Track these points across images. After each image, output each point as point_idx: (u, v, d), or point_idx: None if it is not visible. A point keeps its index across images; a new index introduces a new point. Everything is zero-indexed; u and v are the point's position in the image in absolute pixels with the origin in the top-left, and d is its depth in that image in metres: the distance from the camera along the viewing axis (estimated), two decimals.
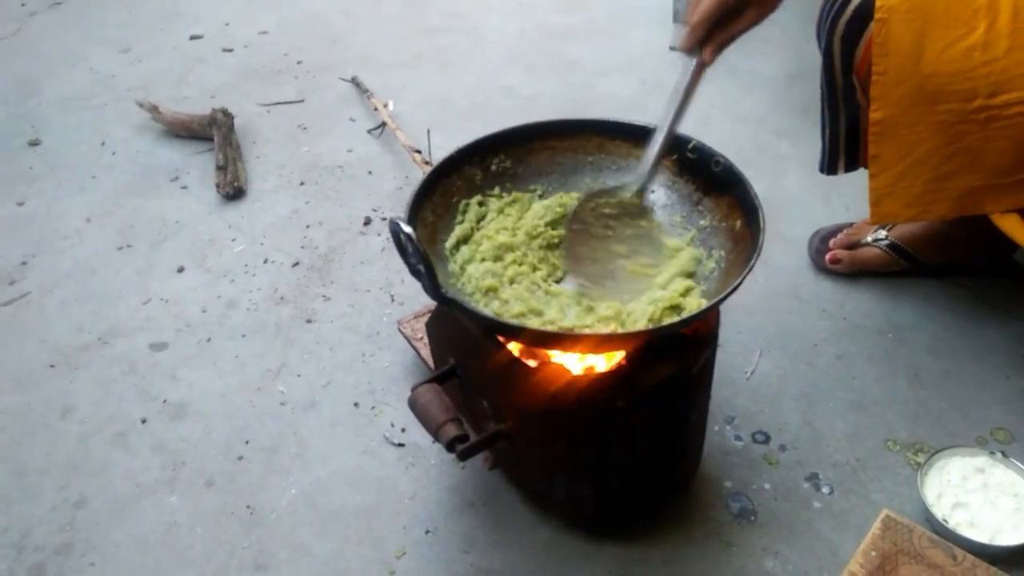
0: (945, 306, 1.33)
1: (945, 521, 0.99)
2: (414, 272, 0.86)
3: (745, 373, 1.24)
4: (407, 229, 0.82)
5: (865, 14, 1.02)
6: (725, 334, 1.29)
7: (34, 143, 1.90)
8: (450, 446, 0.92)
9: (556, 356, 0.93)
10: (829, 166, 1.23)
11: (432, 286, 0.84)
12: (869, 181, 1.09)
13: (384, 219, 1.61)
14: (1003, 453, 1.04)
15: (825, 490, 1.08)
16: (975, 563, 0.92)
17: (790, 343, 1.29)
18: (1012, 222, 1.06)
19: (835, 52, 1.10)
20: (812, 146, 1.28)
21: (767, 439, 1.15)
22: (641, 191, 0.97)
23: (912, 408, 1.18)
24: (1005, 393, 1.18)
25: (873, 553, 0.93)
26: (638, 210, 0.98)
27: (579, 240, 0.98)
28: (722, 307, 0.89)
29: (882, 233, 1.36)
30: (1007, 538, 0.97)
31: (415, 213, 0.97)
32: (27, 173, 1.80)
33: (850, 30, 1.06)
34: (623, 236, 0.99)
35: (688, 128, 1.03)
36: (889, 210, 1.10)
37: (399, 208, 1.63)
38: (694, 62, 0.94)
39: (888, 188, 1.08)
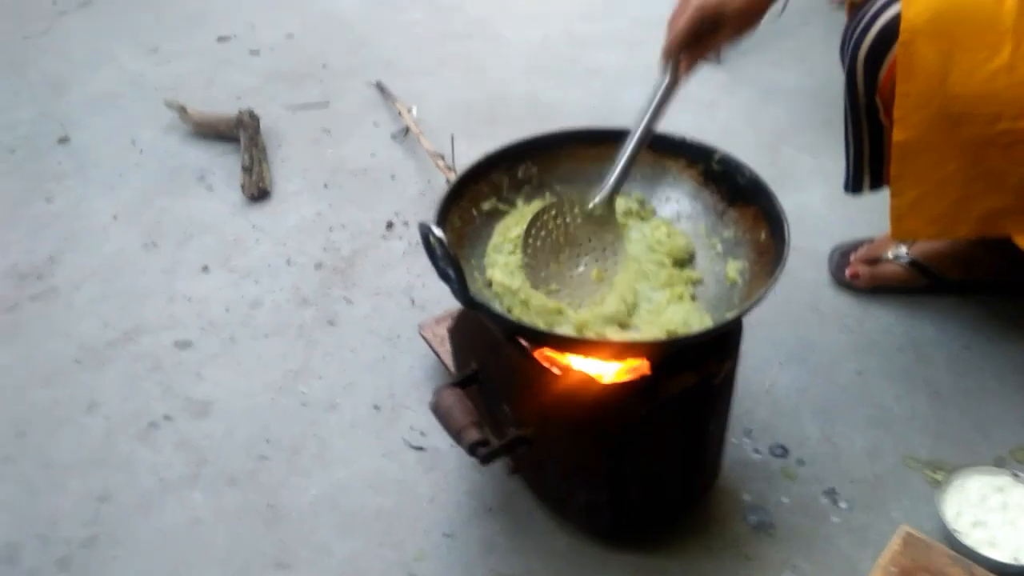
0: (966, 324, 1.33)
1: (964, 539, 0.99)
2: (443, 276, 0.87)
3: (764, 386, 1.25)
4: (438, 232, 0.84)
5: (889, 36, 1.03)
6: (745, 346, 1.27)
7: (63, 141, 1.92)
8: (471, 450, 0.93)
9: (580, 363, 0.94)
10: (854, 185, 1.24)
11: (461, 290, 0.86)
12: (891, 199, 1.10)
13: (406, 224, 1.62)
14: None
15: (843, 505, 1.08)
16: None
17: (810, 357, 1.29)
18: None
19: (859, 72, 1.10)
20: (834, 159, 1.29)
21: (785, 452, 1.15)
22: (607, 202, 0.98)
23: (932, 426, 1.18)
24: None
25: (893, 569, 0.93)
26: (603, 220, 0.99)
27: (540, 248, 0.98)
28: (743, 319, 0.90)
29: (903, 249, 1.36)
30: None
31: (444, 217, 0.98)
32: (56, 170, 1.83)
33: (874, 51, 1.06)
34: (586, 246, 1.00)
35: (709, 139, 1.05)
36: (910, 227, 1.11)
37: (422, 213, 1.64)
38: (668, 76, 0.95)
39: (910, 206, 1.08)
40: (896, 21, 1.01)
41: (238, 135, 1.83)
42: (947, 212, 1.07)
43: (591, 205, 0.98)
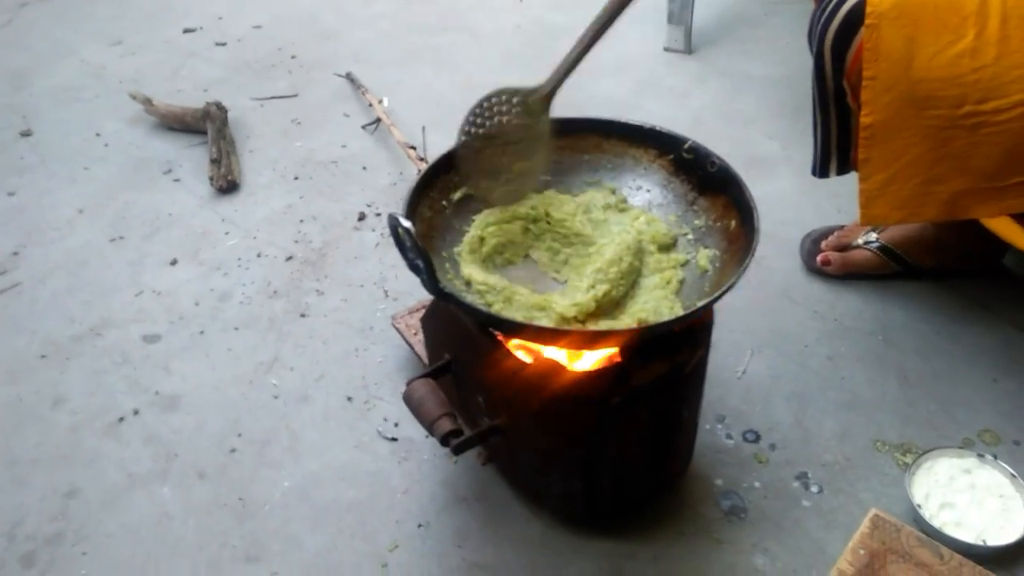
0: (935, 308, 1.34)
1: (932, 520, 1.00)
2: (412, 267, 0.86)
3: (737, 373, 1.25)
4: (406, 224, 0.83)
5: (855, 20, 1.04)
6: (717, 334, 1.28)
7: (25, 134, 1.89)
8: (444, 440, 0.93)
9: (551, 352, 0.93)
10: (821, 169, 1.24)
11: (430, 281, 0.85)
12: (859, 184, 1.11)
13: (378, 215, 1.61)
14: (993, 456, 1.06)
15: (814, 489, 1.09)
16: (962, 562, 0.93)
17: (781, 344, 1.30)
18: (1003, 223, 1.07)
19: (826, 57, 1.11)
20: (804, 148, 1.29)
21: (757, 438, 1.16)
22: (549, 96, 1.02)
23: (901, 409, 1.19)
24: (993, 395, 1.20)
25: (862, 551, 0.94)
26: (538, 111, 1.03)
27: (477, 135, 1.02)
28: (715, 307, 0.90)
29: (873, 236, 1.37)
30: (993, 538, 0.98)
31: (413, 208, 0.97)
32: (18, 164, 1.79)
33: (841, 35, 1.07)
34: (516, 137, 1.03)
35: (680, 128, 1.05)
36: (878, 212, 1.11)
37: (393, 204, 1.63)
38: None
39: (878, 191, 1.09)
40: (862, 5, 1.02)
41: (205, 127, 1.81)
42: (914, 196, 1.08)
43: (534, 96, 1.02)
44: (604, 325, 0.92)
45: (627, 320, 0.93)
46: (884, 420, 1.17)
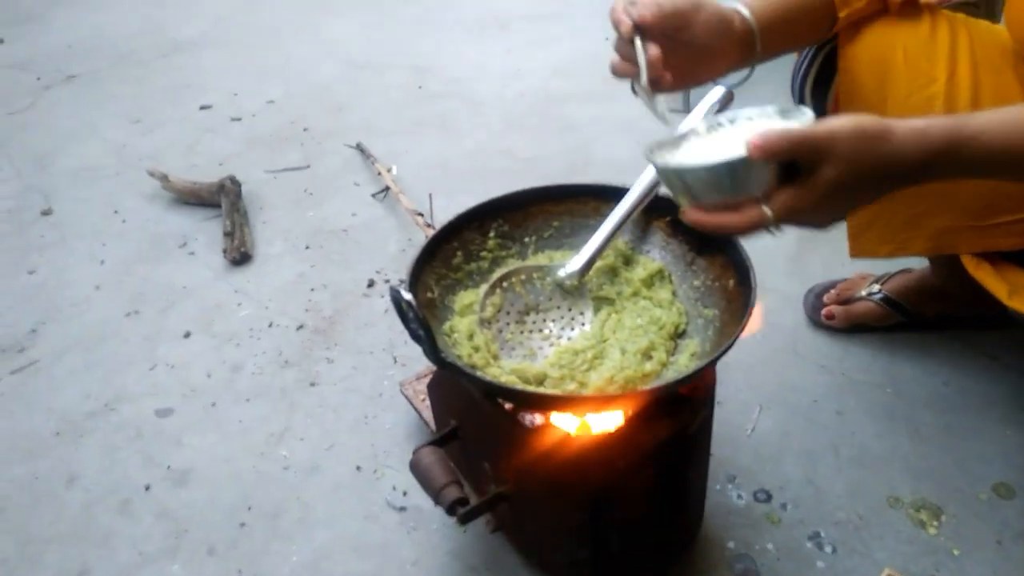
0: (943, 360, 1.34)
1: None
2: (415, 337, 0.88)
3: (746, 430, 1.25)
4: (407, 296, 0.85)
5: (832, 65, 1.07)
6: (725, 391, 1.29)
7: (46, 213, 1.94)
8: (451, 509, 0.93)
9: (554, 417, 0.94)
10: None
11: (432, 351, 0.86)
12: (846, 220, 1.12)
13: (387, 281, 1.64)
14: None
15: (828, 549, 1.07)
16: None
17: (790, 399, 1.29)
18: (987, 275, 1.07)
19: (807, 103, 1.14)
20: None
21: (769, 497, 1.15)
22: (579, 276, 1.00)
23: (913, 463, 1.18)
24: (1005, 447, 1.19)
25: None
26: (573, 290, 1.01)
27: (503, 310, 1.00)
28: (721, 365, 0.91)
29: (876, 287, 1.38)
30: None
31: (416, 279, 0.99)
32: (39, 242, 1.84)
33: (819, 83, 1.11)
34: (554, 312, 1.02)
35: None
36: (866, 247, 1.13)
37: (402, 270, 1.65)
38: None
39: (865, 225, 1.12)
40: (835, 52, 1.06)
41: (220, 200, 1.86)
42: (900, 230, 1.10)
43: (562, 274, 1.00)
44: (593, 387, 0.92)
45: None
46: (896, 476, 1.16)
